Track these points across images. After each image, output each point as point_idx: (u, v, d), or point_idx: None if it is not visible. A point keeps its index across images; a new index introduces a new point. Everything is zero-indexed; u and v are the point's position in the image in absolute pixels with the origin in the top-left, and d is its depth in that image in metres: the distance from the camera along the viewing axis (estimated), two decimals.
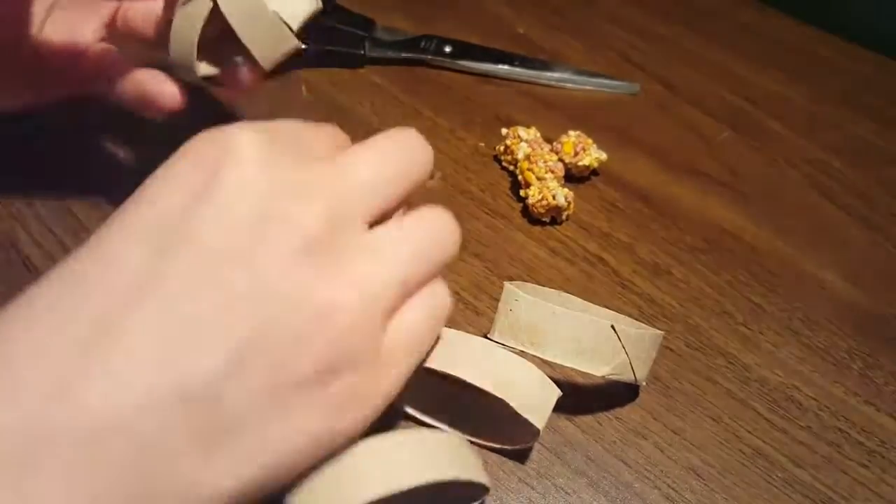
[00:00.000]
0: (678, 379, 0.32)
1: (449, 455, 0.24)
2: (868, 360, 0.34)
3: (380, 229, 0.22)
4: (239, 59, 0.27)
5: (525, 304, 0.28)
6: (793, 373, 0.33)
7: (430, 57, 0.47)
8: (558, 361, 0.28)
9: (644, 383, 0.26)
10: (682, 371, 0.33)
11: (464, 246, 0.36)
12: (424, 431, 0.25)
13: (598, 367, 0.28)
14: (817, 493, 0.29)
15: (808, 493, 0.29)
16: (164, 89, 0.29)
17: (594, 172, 0.41)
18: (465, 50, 0.47)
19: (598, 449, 0.30)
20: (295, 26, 0.25)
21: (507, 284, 0.29)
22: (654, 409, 0.31)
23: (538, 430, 0.26)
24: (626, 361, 0.28)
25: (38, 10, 0.29)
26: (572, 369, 0.29)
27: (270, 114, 0.29)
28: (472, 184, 0.40)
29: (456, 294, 0.34)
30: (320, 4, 0.26)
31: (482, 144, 0.42)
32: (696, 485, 0.29)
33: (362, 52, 0.46)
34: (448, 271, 0.35)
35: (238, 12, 0.24)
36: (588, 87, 0.47)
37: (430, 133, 0.42)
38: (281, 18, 0.25)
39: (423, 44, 0.47)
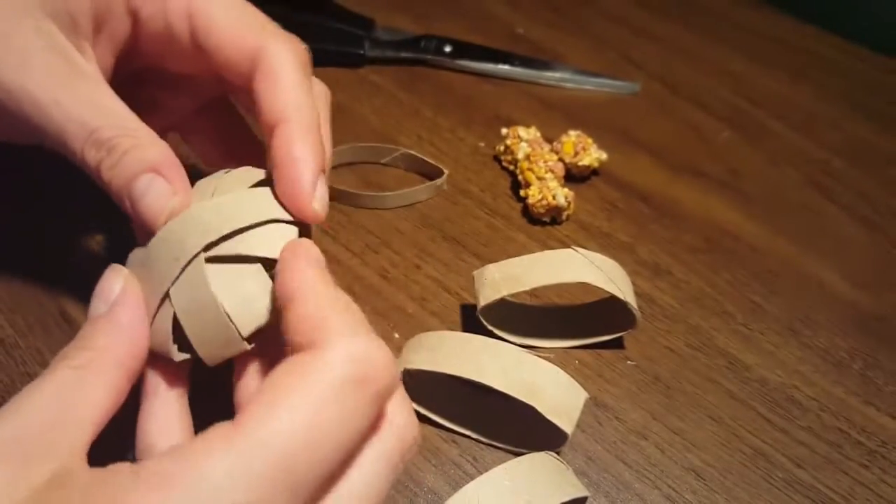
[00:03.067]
0: (678, 379, 0.32)
1: (565, 475, 0.26)
2: (868, 361, 0.34)
3: None
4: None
5: (494, 268, 0.30)
6: (793, 373, 0.33)
7: (429, 56, 0.47)
8: (542, 284, 0.29)
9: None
10: (682, 371, 0.33)
11: (464, 246, 0.37)
12: (523, 458, 0.26)
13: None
14: (818, 494, 0.29)
15: (808, 493, 0.29)
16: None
17: (594, 172, 0.41)
18: (464, 50, 0.47)
19: (599, 449, 0.30)
20: (245, 333, 0.22)
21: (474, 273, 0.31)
22: (655, 409, 0.31)
23: (567, 435, 0.26)
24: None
25: None
26: (570, 372, 0.29)
27: None
28: (472, 184, 0.40)
29: (456, 294, 0.34)
30: (266, 319, 0.23)
31: (482, 144, 0.42)
32: (696, 485, 0.29)
33: (362, 51, 0.46)
34: (448, 271, 0.35)
35: (189, 308, 0.22)
36: (588, 87, 0.47)
37: (430, 133, 0.42)
38: (231, 321, 0.22)
39: (422, 43, 0.47)
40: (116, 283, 0.23)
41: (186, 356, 0.23)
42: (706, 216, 0.40)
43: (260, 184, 0.25)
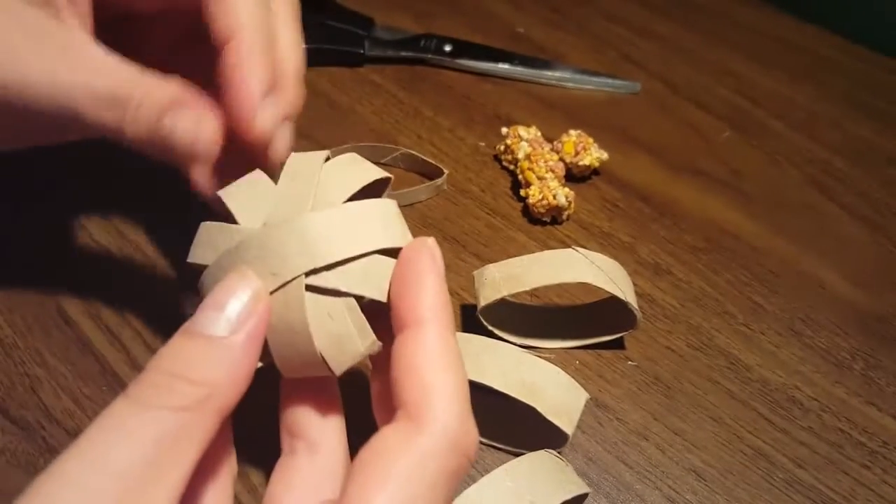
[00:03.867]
0: (679, 379, 0.32)
1: (565, 472, 0.26)
2: (870, 361, 0.34)
3: None
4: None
5: (494, 268, 0.30)
6: (794, 373, 0.33)
7: (429, 56, 0.47)
8: (543, 284, 0.29)
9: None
10: (683, 371, 0.32)
11: (464, 246, 0.37)
12: (523, 458, 0.26)
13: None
14: (819, 494, 0.29)
15: (809, 493, 0.29)
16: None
17: (595, 172, 0.41)
18: (465, 49, 0.47)
19: (599, 450, 0.30)
20: (336, 372, 0.22)
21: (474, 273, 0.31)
22: (655, 409, 0.31)
23: (567, 435, 0.26)
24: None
25: None
26: (571, 372, 0.29)
27: None
28: (472, 183, 0.40)
29: (456, 294, 0.34)
30: (357, 360, 0.22)
31: (482, 144, 0.42)
32: (697, 486, 0.29)
33: (362, 50, 0.46)
34: (448, 271, 0.35)
35: (279, 330, 0.21)
36: (589, 87, 0.47)
37: (430, 132, 0.42)
38: (323, 359, 0.21)
39: (422, 43, 0.47)
40: (243, 298, 0.20)
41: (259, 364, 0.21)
42: (707, 216, 0.40)
43: (367, 189, 0.24)
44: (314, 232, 0.21)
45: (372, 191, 0.24)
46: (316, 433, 0.23)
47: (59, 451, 0.27)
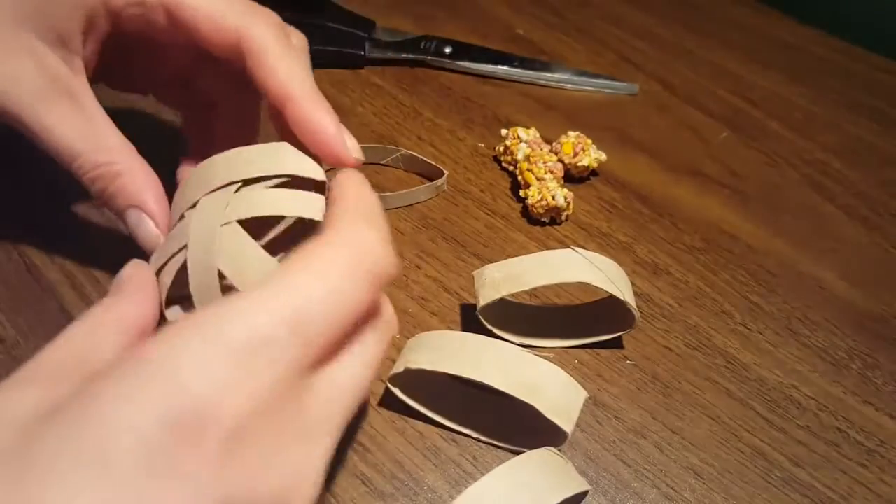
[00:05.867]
0: (677, 378, 0.32)
1: (566, 470, 0.26)
2: (867, 360, 0.34)
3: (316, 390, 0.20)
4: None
5: (494, 268, 0.31)
6: (791, 372, 0.33)
7: (429, 58, 0.47)
8: (542, 284, 0.30)
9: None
10: (681, 371, 0.33)
11: (464, 246, 0.37)
12: (523, 456, 0.26)
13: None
14: (816, 493, 0.29)
15: (806, 492, 0.29)
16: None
17: (593, 173, 0.41)
18: (464, 51, 0.47)
19: (598, 448, 0.30)
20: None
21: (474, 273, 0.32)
22: (654, 408, 0.31)
23: (567, 434, 0.27)
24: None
25: None
26: (569, 371, 0.29)
27: None
28: (471, 184, 0.40)
29: (456, 294, 0.34)
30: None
31: (482, 145, 0.42)
32: (695, 484, 0.29)
33: (362, 52, 0.46)
34: (448, 271, 0.35)
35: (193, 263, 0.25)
36: (587, 88, 0.47)
37: (429, 133, 0.43)
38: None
39: (422, 44, 0.47)
40: (124, 272, 0.25)
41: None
42: (705, 216, 0.40)
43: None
44: (238, 157, 0.25)
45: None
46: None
47: None
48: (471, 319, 0.33)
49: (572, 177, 0.40)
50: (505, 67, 0.47)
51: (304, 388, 0.19)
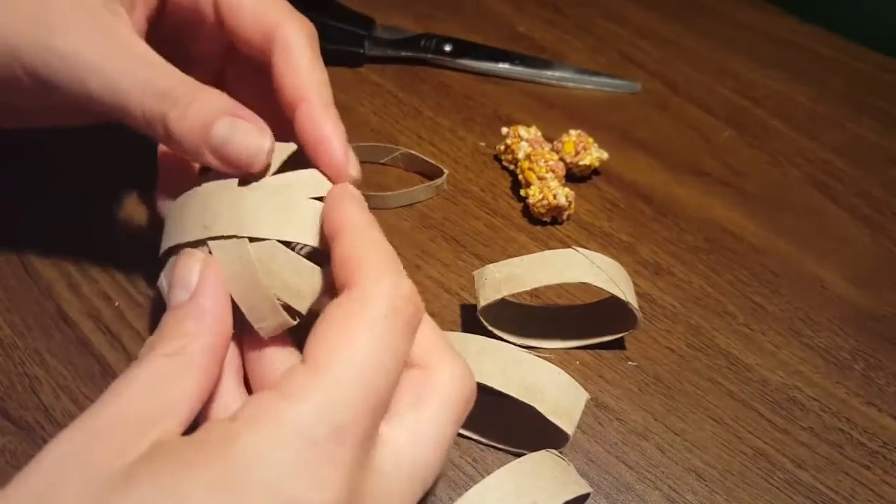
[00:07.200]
0: (679, 380, 0.32)
1: (567, 472, 0.26)
2: (870, 361, 0.34)
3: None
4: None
5: (495, 268, 0.30)
6: (794, 373, 0.33)
7: (430, 56, 0.47)
8: (543, 284, 0.29)
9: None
10: (683, 372, 0.32)
11: (464, 246, 0.37)
12: (525, 458, 0.26)
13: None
14: (819, 495, 0.29)
15: (809, 494, 0.29)
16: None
17: (595, 172, 0.41)
18: (465, 49, 0.47)
19: (599, 450, 0.30)
20: (303, 310, 0.25)
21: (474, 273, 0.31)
22: (656, 409, 0.31)
23: (568, 435, 0.26)
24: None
25: None
26: (571, 372, 0.28)
27: None
28: (472, 183, 0.40)
29: (456, 294, 0.34)
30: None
31: (482, 144, 0.42)
32: (697, 486, 0.29)
33: (362, 50, 0.46)
34: (448, 271, 0.35)
35: (239, 286, 0.24)
36: (589, 86, 0.47)
37: (429, 132, 0.42)
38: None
39: (422, 42, 0.47)
40: (194, 269, 0.24)
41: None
42: (707, 216, 0.40)
43: (291, 161, 0.26)
44: (246, 202, 0.24)
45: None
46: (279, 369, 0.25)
47: None
48: (471, 320, 0.33)
49: (574, 176, 0.40)
50: (506, 65, 0.47)
51: (374, 457, 0.20)
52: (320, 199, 0.25)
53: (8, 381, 0.29)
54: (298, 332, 0.24)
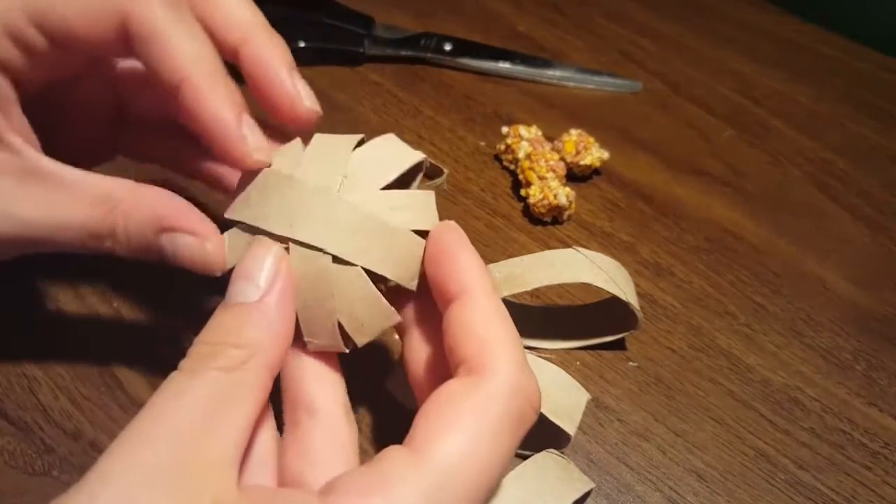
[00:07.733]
0: (680, 380, 0.32)
1: (569, 471, 0.26)
2: (872, 362, 0.34)
3: None
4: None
5: (495, 268, 0.30)
6: (795, 374, 0.33)
7: (430, 55, 0.46)
8: (544, 284, 0.29)
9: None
10: (684, 372, 0.32)
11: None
12: (527, 463, 0.26)
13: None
14: (820, 495, 0.29)
15: (810, 495, 0.29)
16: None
17: (596, 171, 0.41)
18: (465, 48, 0.47)
19: (600, 451, 0.29)
20: (360, 344, 0.23)
21: None
22: (656, 410, 0.31)
23: (569, 436, 0.26)
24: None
25: None
26: (571, 373, 0.28)
27: None
28: (472, 183, 0.40)
29: None
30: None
31: (483, 143, 0.42)
32: (698, 487, 0.29)
33: (362, 49, 0.46)
34: None
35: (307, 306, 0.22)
36: (590, 86, 0.47)
37: (429, 132, 0.42)
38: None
39: (422, 41, 0.47)
40: (266, 263, 0.21)
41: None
42: (708, 216, 0.40)
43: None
44: (344, 217, 0.22)
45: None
46: (316, 396, 0.23)
47: (57, 452, 0.27)
48: None
49: (575, 175, 0.40)
50: (506, 65, 0.47)
51: None
52: (422, 232, 0.23)
53: (6, 381, 0.29)
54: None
